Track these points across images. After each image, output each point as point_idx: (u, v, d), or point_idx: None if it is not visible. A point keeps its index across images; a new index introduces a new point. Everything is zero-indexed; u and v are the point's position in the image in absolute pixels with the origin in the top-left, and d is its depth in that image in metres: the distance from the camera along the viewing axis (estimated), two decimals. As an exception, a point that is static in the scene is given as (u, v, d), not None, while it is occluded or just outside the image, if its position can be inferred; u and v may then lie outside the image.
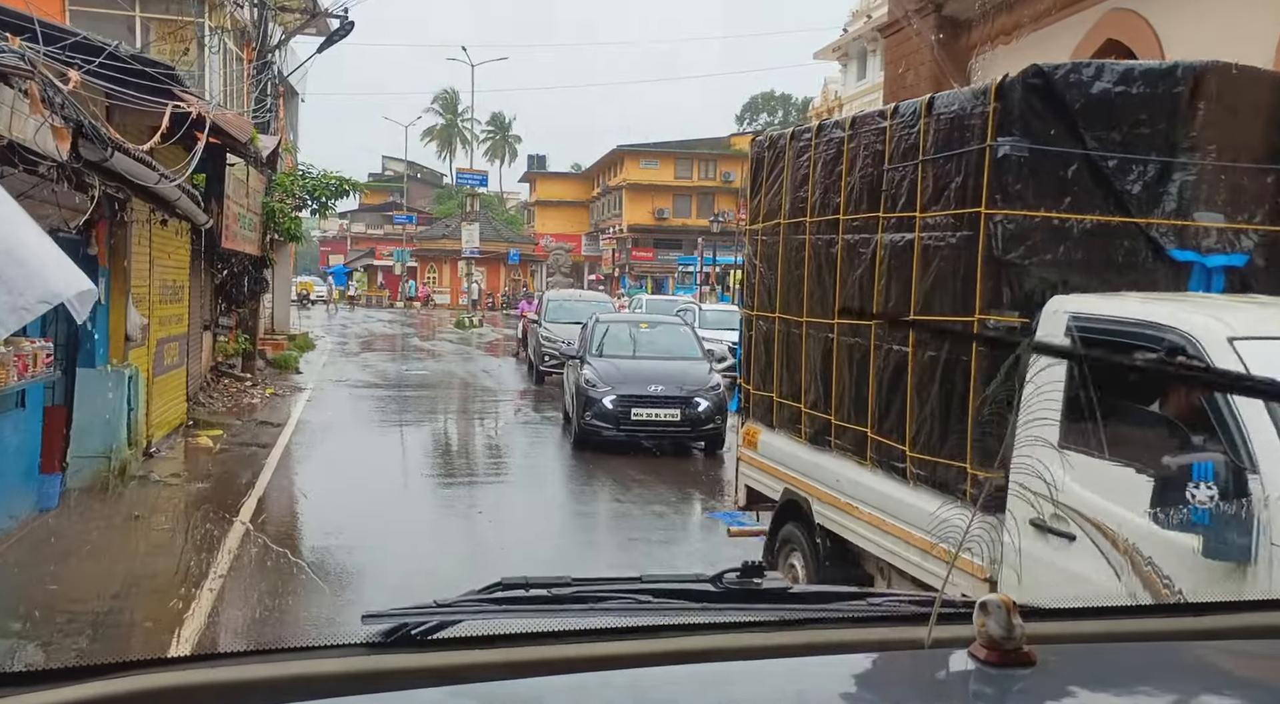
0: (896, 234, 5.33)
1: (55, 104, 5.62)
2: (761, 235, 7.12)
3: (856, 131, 5.86)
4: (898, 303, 5.27)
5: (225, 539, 8.28)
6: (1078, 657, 1.38)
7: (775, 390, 6.78)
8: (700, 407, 13.16)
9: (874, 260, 5.54)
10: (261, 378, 19.69)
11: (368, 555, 8.40)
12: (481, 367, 26.31)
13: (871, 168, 5.62)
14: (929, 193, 5.05)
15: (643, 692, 1.27)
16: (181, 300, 13.94)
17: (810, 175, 6.33)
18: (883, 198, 5.47)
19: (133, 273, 10.67)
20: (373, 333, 39.33)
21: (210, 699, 1.21)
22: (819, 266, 6.19)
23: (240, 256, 18.75)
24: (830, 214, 6.07)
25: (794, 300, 6.54)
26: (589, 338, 14.85)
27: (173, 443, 12.79)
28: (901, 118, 5.41)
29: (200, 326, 17.01)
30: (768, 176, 7.02)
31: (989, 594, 1.26)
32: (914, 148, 5.22)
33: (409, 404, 18.72)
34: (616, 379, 13.37)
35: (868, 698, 1.33)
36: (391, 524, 9.54)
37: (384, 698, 1.22)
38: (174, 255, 13.14)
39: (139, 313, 10.62)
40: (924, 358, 5.04)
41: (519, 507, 10.95)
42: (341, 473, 12.11)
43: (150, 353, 11.85)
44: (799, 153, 6.55)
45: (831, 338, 5.97)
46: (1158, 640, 1.49)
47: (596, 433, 13.18)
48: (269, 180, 19.36)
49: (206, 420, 14.44)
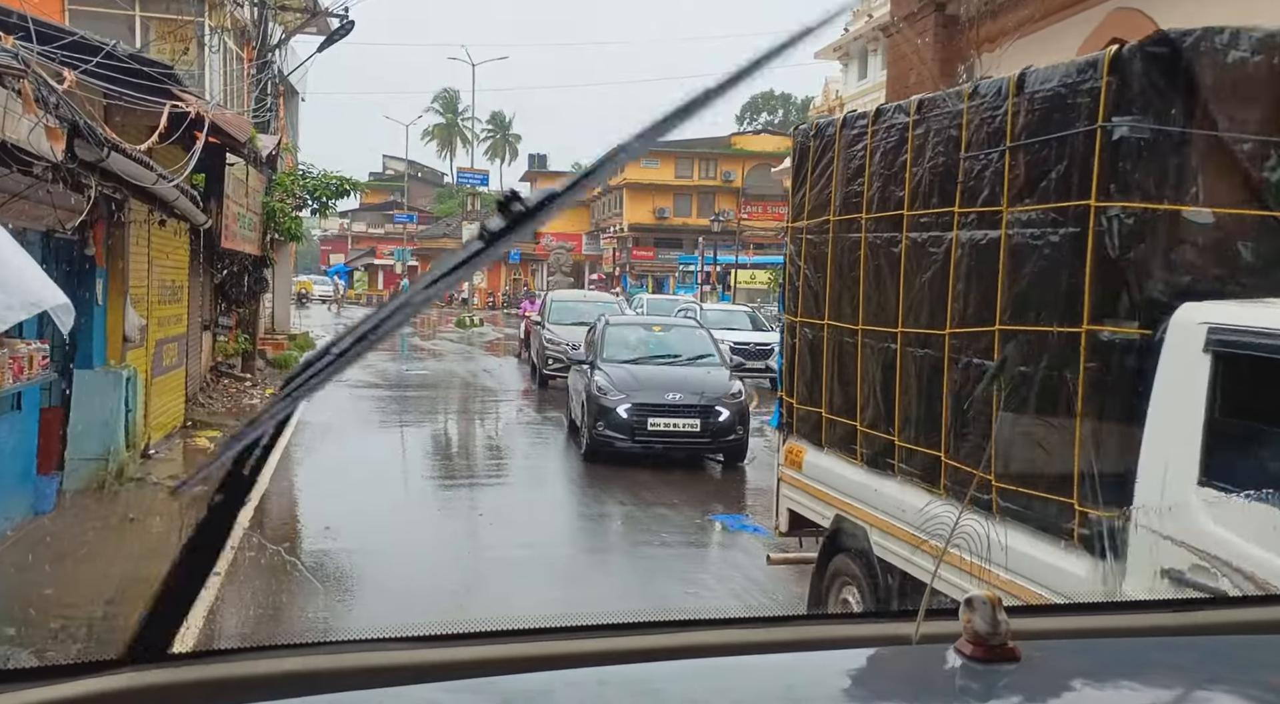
0: (977, 231, 4.74)
1: (49, 104, 5.56)
2: (807, 234, 6.47)
3: (924, 116, 5.27)
4: (977, 310, 4.68)
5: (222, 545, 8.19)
6: (1063, 652, 1.40)
7: (824, 406, 6.14)
8: (722, 416, 12.34)
9: (947, 262, 4.95)
10: (261, 378, 19.63)
11: (367, 558, 8.35)
12: (482, 366, 26.24)
13: (944, 156, 5.05)
14: (1020, 183, 4.48)
15: (632, 686, 1.28)
16: (180, 301, 13.88)
17: (866, 166, 5.73)
18: (959, 190, 4.89)
19: (131, 273, 10.60)
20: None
21: (208, 695, 1.20)
22: (878, 269, 5.59)
23: (240, 256, 18.70)
24: (892, 209, 5.47)
25: (847, 306, 5.92)
26: (599, 341, 13.95)
27: (171, 444, 12.72)
28: (982, 98, 4.78)
29: (200, 327, 16.96)
30: (814, 169, 6.36)
31: (975, 591, 1.27)
32: (999, 132, 4.62)
33: (409, 405, 18.66)
34: (631, 386, 12.53)
35: (855, 692, 1.33)
36: (392, 528, 9.48)
37: (384, 693, 1.22)
38: (173, 255, 13.08)
39: (137, 314, 10.55)
40: (1015, 373, 4.40)
41: (522, 513, 10.89)
42: (341, 476, 12.03)
43: (149, 354, 11.79)
44: (852, 141, 5.92)
45: (894, 349, 5.38)
46: (1143, 636, 1.50)
47: (609, 444, 12.34)
48: (269, 180, 19.31)
49: (206, 421, 14.38)
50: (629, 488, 11.35)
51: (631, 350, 13.86)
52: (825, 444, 6.17)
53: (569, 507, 11.29)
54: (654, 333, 14.73)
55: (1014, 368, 4.40)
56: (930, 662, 1.33)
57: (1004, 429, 4.54)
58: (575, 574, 8.51)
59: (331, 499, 10.65)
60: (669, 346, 14.25)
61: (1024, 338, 4.42)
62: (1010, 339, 4.49)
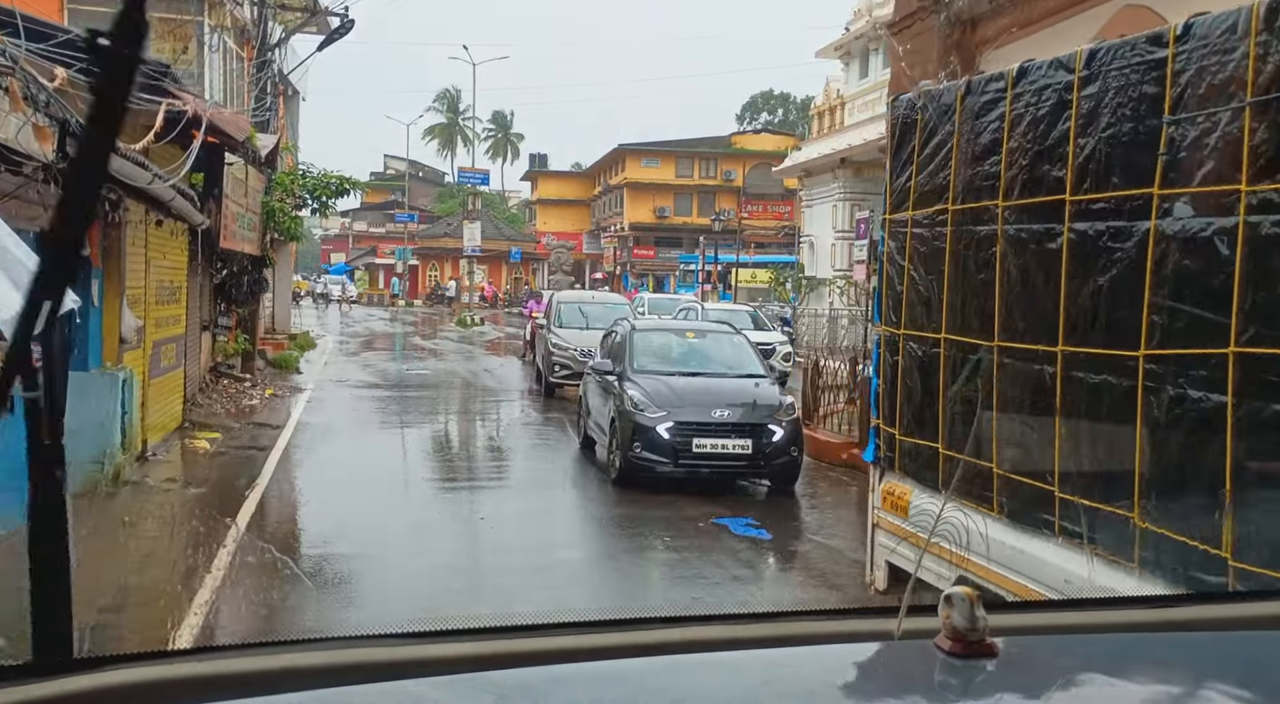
0: (1194, 220, 3.69)
1: (39, 102, 5.45)
2: (913, 227, 5.37)
3: (1099, 70, 4.19)
4: (1193, 324, 3.66)
5: (220, 548, 8.09)
6: (1041, 648, 1.42)
7: (941, 440, 5.07)
8: (776, 435, 10.93)
9: (1141, 260, 3.90)
10: (261, 378, 19.53)
11: (367, 564, 8.23)
12: (484, 366, 26.11)
13: (1132, 122, 4.01)
14: (1270, 153, 3.45)
15: (607, 682, 1.28)
16: (179, 301, 13.77)
17: (1004, 140, 4.67)
18: (1159, 165, 3.85)
19: (127, 274, 10.49)
20: (373, 332, 39.19)
21: (198, 692, 1.21)
22: (1023, 269, 4.53)
23: (240, 256, 18.61)
24: (1046, 194, 4.43)
25: (975, 316, 4.82)
26: (628, 349, 12.30)
27: (169, 446, 12.61)
28: (1199, 41, 3.71)
29: (199, 327, 16.84)
30: (922, 146, 5.30)
31: (954, 587, 1.27)
32: (1229, 84, 3.57)
33: (410, 405, 18.54)
34: (671, 402, 11.10)
35: (837, 687, 1.34)
36: (393, 533, 9.36)
37: (362, 690, 1.22)
38: (171, 256, 12.97)
39: (133, 315, 10.44)
40: (1257, 410, 3.27)
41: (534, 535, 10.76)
42: (341, 478, 11.91)
43: (146, 355, 11.68)
44: (981, 110, 4.83)
45: (1050, 372, 4.28)
46: (1122, 632, 1.51)
47: (648, 469, 10.83)
48: (269, 179, 19.21)
49: (204, 422, 14.27)
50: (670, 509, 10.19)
51: (664, 360, 12.35)
52: (945, 487, 5.01)
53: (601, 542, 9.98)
54: (688, 340, 13.16)
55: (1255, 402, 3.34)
56: (911, 657, 1.36)
57: (1246, 486, 3.36)
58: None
59: (331, 504, 10.53)
60: (706, 356, 12.70)
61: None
62: (1252, 365, 3.39)
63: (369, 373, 23.20)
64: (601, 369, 12.55)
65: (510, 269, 65.97)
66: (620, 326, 13.68)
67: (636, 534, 9.73)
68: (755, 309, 25.80)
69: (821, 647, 1.41)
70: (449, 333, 38.21)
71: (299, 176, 20.21)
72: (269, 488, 10.58)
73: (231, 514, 9.14)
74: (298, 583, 7.56)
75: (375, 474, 12.19)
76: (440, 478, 12.56)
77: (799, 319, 27.95)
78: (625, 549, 9.42)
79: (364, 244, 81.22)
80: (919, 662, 1.31)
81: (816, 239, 32.11)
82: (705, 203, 64.94)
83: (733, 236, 47.36)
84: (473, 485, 12.06)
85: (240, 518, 9.12)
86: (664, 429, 10.85)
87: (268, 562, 7.89)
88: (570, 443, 14.17)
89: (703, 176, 66.78)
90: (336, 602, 7.38)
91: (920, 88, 5.61)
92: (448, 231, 64.21)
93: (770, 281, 39.28)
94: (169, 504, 9.83)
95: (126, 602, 6.98)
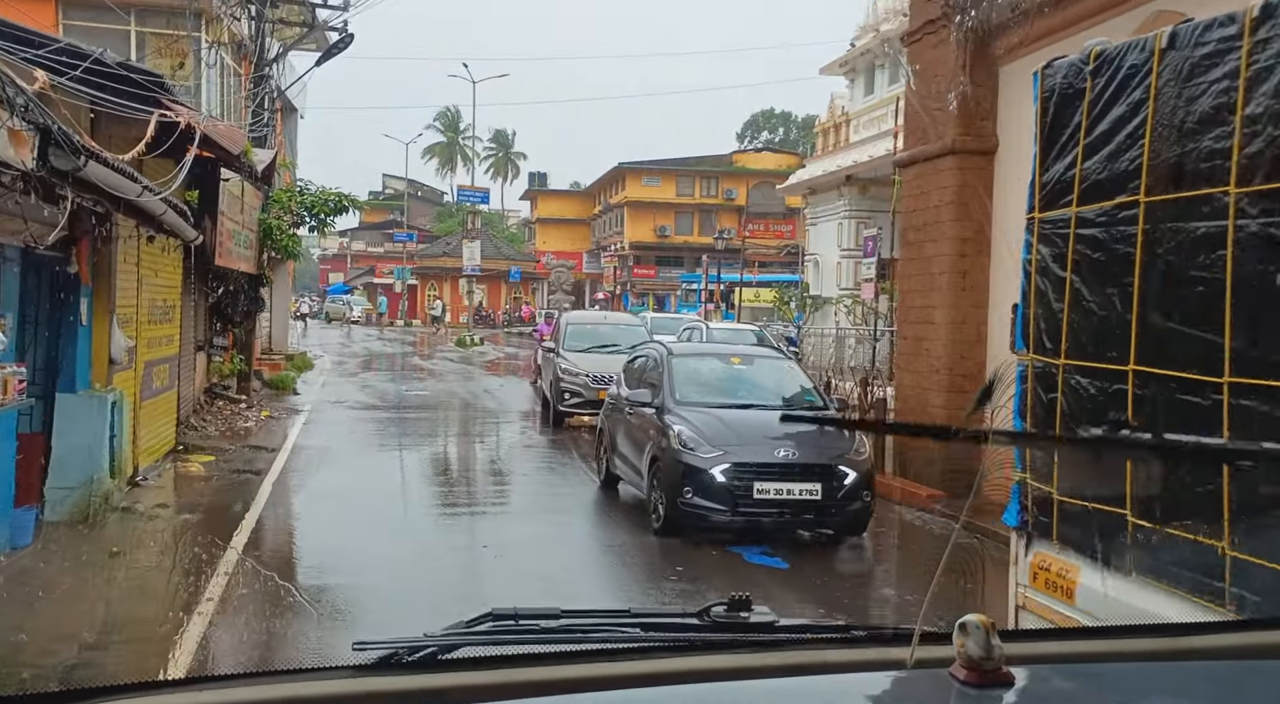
0: None
1: (16, 106, 5.08)
2: (1077, 227, 4.17)
3: None
4: None
5: (213, 579, 7.67)
6: (1056, 677, 1.42)
7: (1129, 505, 3.75)
8: (848, 479, 9.59)
9: None
10: (257, 400, 19.12)
11: (366, 594, 7.81)
12: (484, 386, 25.70)
13: None
14: None
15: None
16: (172, 320, 13.37)
17: (1238, 104, 3.44)
18: None
19: (119, 292, 10.10)
20: (371, 352, 38.81)
21: None
22: (1262, 278, 3.33)
23: (236, 275, 18.23)
24: None
25: (1179, 344, 3.63)
26: (666, 377, 10.87)
27: (161, 470, 12.20)
28: None
29: (194, 347, 16.47)
30: (1091, 123, 4.13)
31: (969, 615, 1.24)
32: None
33: (409, 428, 18.12)
34: (726, 440, 9.65)
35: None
36: (392, 560, 8.93)
37: None
38: (164, 274, 12.58)
39: (124, 334, 10.04)
40: None
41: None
42: (338, 504, 11.45)
43: (137, 376, 11.28)
44: (1197, 67, 3.63)
45: None
46: (1136, 660, 1.50)
47: (702, 517, 9.48)
48: (266, 196, 18.85)
49: (198, 445, 13.87)
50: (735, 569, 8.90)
51: (710, 390, 10.83)
52: (1128, 567, 3.79)
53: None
54: (734, 366, 11.61)
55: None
56: (925, 686, 1.34)
57: None
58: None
59: (328, 531, 10.11)
60: (756, 385, 11.17)
61: None
62: None
63: (367, 394, 22.81)
64: (638, 400, 10.94)
65: (509, 289, 65.68)
66: (649, 351, 12.37)
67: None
68: (760, 329, 25.42)
69: (834, 676, 1.40)
70: (448, 353, 37.80)
71: (297, 194, 19.83)
72: (264, 515, 10.16)
73: (224, 544, 8.70)
74: (297, 618, 7.13)
75: (373, 501, 11.74)
76: (444, 515, 12.10)
77: (805, 339, 27.58)
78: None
79: (362, 264, 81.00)
80: (933, 692, 1.29)
81: (821, 257, 31.80)
82: (706, 222, 64.78)
83: (735, 256, 47.05)
84: (484, 527, 11.61)
85: (234, 547, 8.70)
86: (720, 471, 9.43)
87: (265, 596, 7.46)
88: (588, 481, 12.84)
89: (704, 195, 66.63)
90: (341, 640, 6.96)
91: (1090, 46, 4.27)
92: (447, 251, 63.99)
93: (774, 301, 38.92)
94: (160, 532, 9.40)
95: (113, 640, 6.54)
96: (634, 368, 12.39)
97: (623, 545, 9.83)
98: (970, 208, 10.86)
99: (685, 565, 8.95)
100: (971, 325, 11.12)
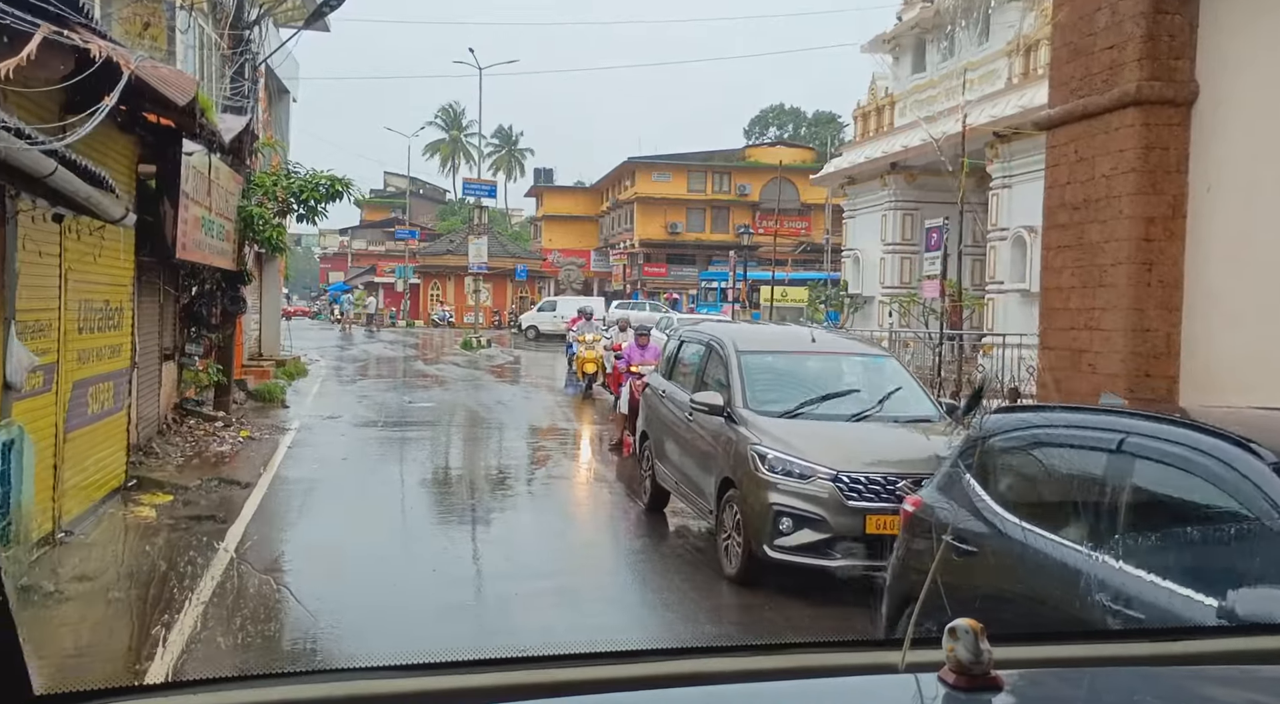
0: None
1: None
2: None
3: None
4: None
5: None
6: (1046, 682, 1.41)
7: None
8: None
9: None
10: (237, 416, 16.48)
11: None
12: (497, 397, 23.01)
13: None
14: None
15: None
16: (119, 327, 10.69)
17: None
18: None
19: (19, 292, 7.43)
20: (370, 355, 36.23)
21: None
22: None
23: (213, 272, 15.61)
24: None
25: None
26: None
27: (100, 517, 9.58)
28: None
29: (158, 358, 13.83)
30: None
31: (959, 619, 1.21)
32: None
33: (411, 450, 15.43)
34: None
35: None
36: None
37: None
38: (103, 268, 9.90)
39: (27, 349, 7.38)
40: None
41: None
42: (324, 571, 8.62)
43: (60, 400, 8.64)
44: None
45: None
46: (1125, 665, 1.48)
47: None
48: (247, 180, 16.21)
49: (154, 480, 11.22)
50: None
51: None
52: None
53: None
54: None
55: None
56: (914, 690, 1.32)
57: None
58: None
59: (306, 621, 7.42)
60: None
61: None
62: None
63: (365, 406, 20.17)
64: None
65: (516, 287, 63.24)
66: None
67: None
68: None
69: (824, 680, 1.38)
70: (454, 357, 35.14)
71: (283, 176, 17.15)
72: (219, 593, 7.49)
73: (152, 649, 6.04)
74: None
75: (370, 579, 8.97)
76: (463, 584, 9.44)
77: (850, 342, 24.91)
78: None
79: (363, 262, 79.25)
80: (923, 695, 1.28)
81: (862, 253, 29.13)
82: (718, 218, 62.72)
83: (752, 253, 44.37)
84: (527, 621, 8.94)
85: (165, 654, 6.04)
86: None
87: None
88: (626, 500, 10.58)
89: (716, 191, 64.44)
90: None
91: None
92: (450, 249, 61.80)
93: (805, 300, 36.23)
94: (66, 623, 6.71)
95: None
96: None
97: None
98: (1159, 177, 8.14)
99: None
100: (1159, 333, 8.28)
